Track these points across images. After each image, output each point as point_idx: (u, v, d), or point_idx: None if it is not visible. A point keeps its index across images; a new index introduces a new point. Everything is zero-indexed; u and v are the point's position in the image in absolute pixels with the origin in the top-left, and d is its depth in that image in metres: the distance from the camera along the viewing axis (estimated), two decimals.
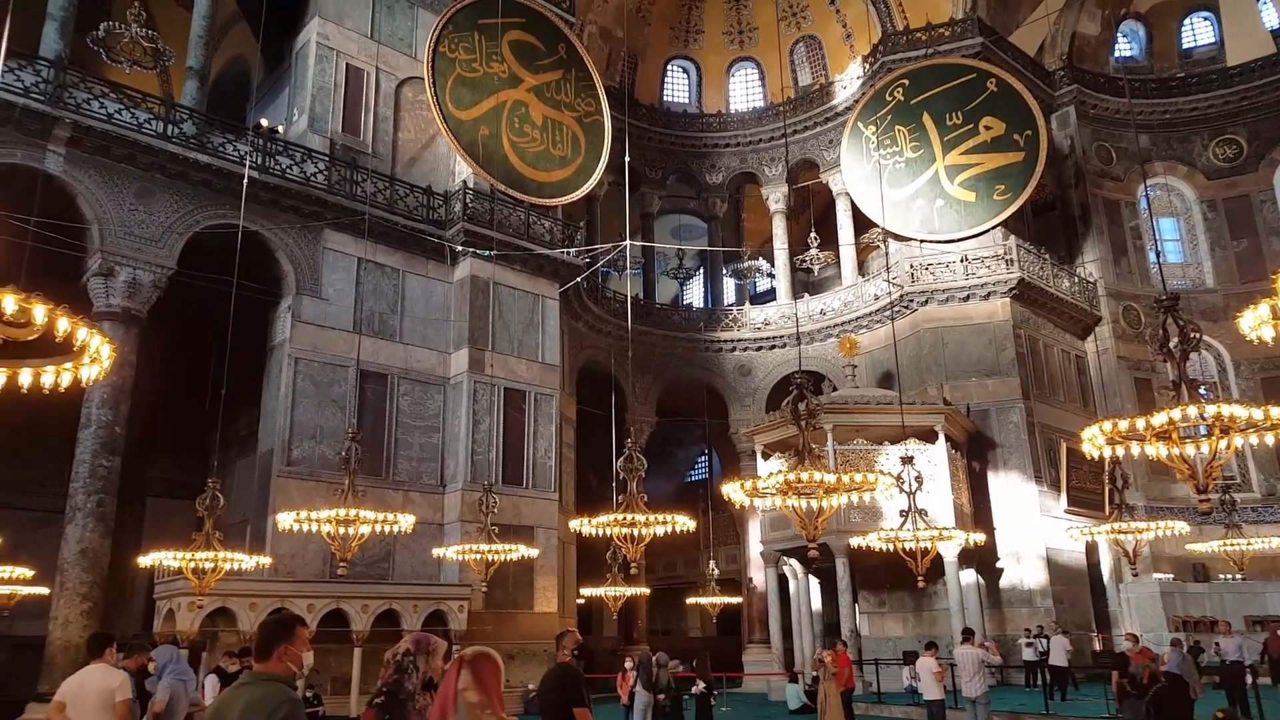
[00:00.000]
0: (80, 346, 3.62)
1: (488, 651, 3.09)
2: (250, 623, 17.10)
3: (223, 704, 3.18)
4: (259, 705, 3.00)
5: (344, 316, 20.97)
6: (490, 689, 2.96)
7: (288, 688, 3.10)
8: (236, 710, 3.04)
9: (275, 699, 3.02)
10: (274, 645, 3.18)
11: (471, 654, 3.03)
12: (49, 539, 18.59)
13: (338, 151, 21.96)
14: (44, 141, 17.52)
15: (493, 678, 3.00)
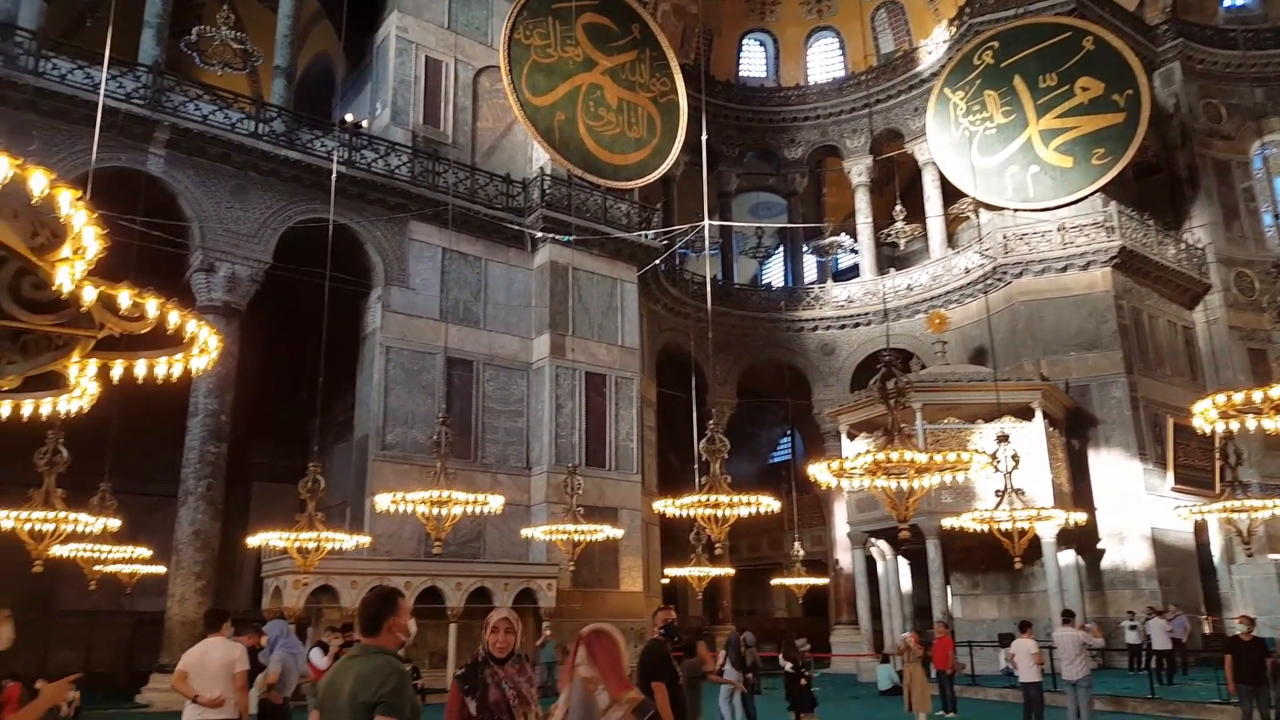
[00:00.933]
0: (190, 338, 3.78)
1: (603, 628, 3.11)
2: (352, 599, 17.79)
3: (336, 675, 3.31)
4: (370, 676, 3.11)
5: (430, 305, 21.49)
6: (603, 665, 2.98)
7: (395, 659, 3.20)
8: (349, 681, 3.15)
9: (385, 670, 3.12)
10: (381, 619, 3.28)
11: (588, 631, 3.08)
12: (164, 521, 19.68)
13: (419, 143, 22.42)
14: (145, 144, 18.41)
15: (607, 654, 3.04)
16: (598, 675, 2.91)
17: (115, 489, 13.90)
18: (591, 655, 2.94)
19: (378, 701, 3.05)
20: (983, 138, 26.97)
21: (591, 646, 2.98)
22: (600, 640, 3.01)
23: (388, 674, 3.12)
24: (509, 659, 3.67)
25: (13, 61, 17.29)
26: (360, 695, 3.09)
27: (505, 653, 3.68)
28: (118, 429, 13.05)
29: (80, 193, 2.60)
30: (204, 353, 4.13)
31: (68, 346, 3.63)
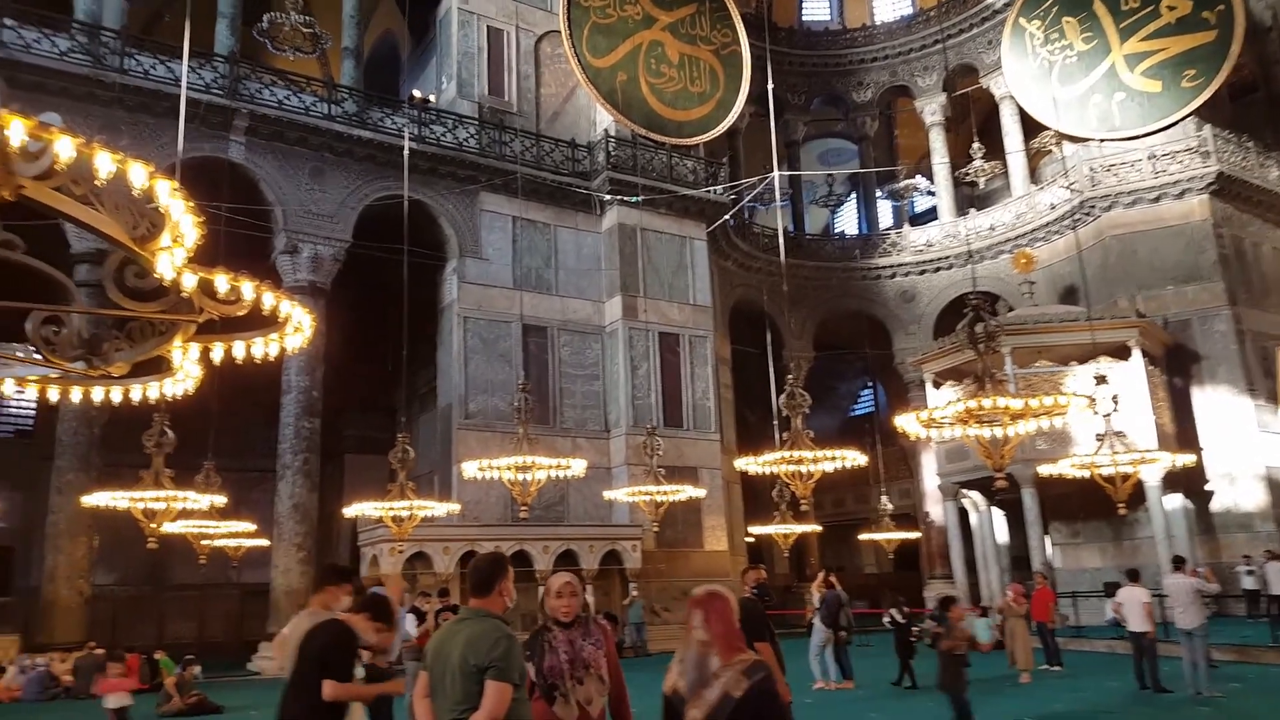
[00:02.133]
0: (284, 318, 3.88)
1: (717, 590, 3.09)
2: (445, 565, 18.36)
3: (445, 638, 3.36)
4: (479, 639, 3.17)
5: (504, 274, 21.72)
6: (715, 628, 2.95)
7: (503, 624, 3.25)
8: (459, 644, 3.21)
9: (494, 634, 3.17)
10: (493, 581, 3.34)
11: (703, 593, 3.07)
12: (264, 495, 20.57)
13: (486, 114, 22.53)
14: (226, 133, 18.95)
15: (720, 617, 2.97)
16: (711, 638, 2.89)
17: (218, 466, 14.55)
18: (706, 618, 2.92)
19: (489, 665, 3.10)
20: (1063, 67, 25.68)
21: (706, 609, 2.96)
22: (715, 602, 2.98)
23: (497, 638, 3.15)
24: (573, 623, 3.66)
25: (100, 61, 17.92)
26: (471, 658, 3.14)
27: (570, 617, 3.66)
28: (217, 409, 13.60)
29: (176, 183, 2.66)
30: (298, 331, 4.23)
31: (170, 332, 3.76)
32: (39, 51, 17.36)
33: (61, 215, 2.59)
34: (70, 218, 2.60)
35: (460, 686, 3.12)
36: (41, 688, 15.30)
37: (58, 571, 17.17)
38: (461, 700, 3.10)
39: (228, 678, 17.20)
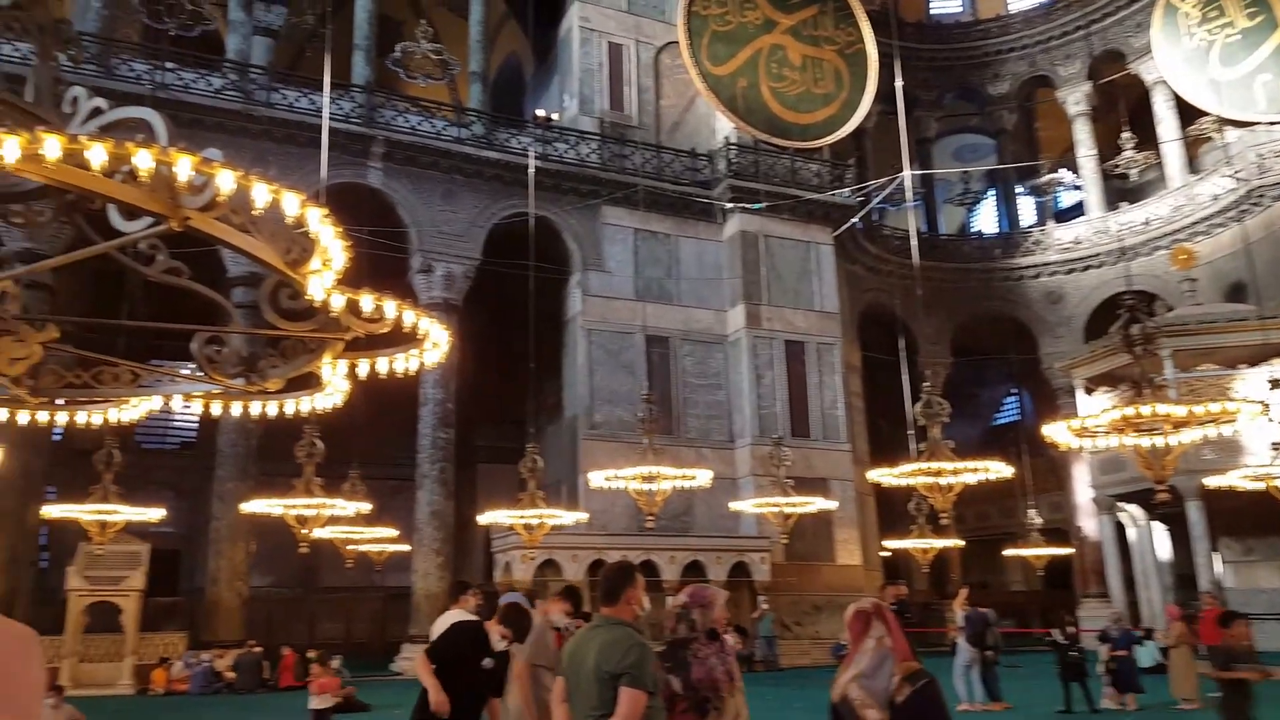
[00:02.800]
0: (423, 335, 4.01)
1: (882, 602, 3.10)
2: (575, 572, 18.59)
3: (579, 644, 3.41)
4: (613, 646, 3.18)
5: (626, 286, 21.91)
6: (896, 637, 3.01)
7: (636, 632, 3.25)
8: (593, 650, 3.24)
9: (627, 641, 3.18)
10: (620, 590, 3.35)
11: (872, 604, 3.09)
12: (405, 503, 21.40)
13: (606, 129, 22.84)
14: (364, 159, 19.94)
15: (895, 626, 3.06)
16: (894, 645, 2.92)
17: (362, 475, 15.23)
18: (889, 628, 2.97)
19: (622, 672, 3.10)
20: (1223, 46, 23.79)
21: (886, 618, 3.00)
22: (889, 612, 3.06)
23: (630, 645, 3.16)
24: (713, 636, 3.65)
25: (250, 97, 19.21)
26: (604, 665, 3.15)
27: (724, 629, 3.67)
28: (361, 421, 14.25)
29: (326, 210, 2.76)
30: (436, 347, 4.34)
31: (320, 349, 3.90)
32: (196, 90, 18.76)
33: (221, 243, 2.71)
34: (230, 245, 2.72)
35: (595, 692, 3.15)
36: (206, 682, 16.39)
37: (220, 574, 18.36)
38: (597, 706, 3.13)
39: (372, 677, 17.94)
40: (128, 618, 16.99)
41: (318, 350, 3.93)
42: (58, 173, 2.24)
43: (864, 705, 2.90)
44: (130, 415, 4.54)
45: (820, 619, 20.84)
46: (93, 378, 4.15)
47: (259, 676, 16.81)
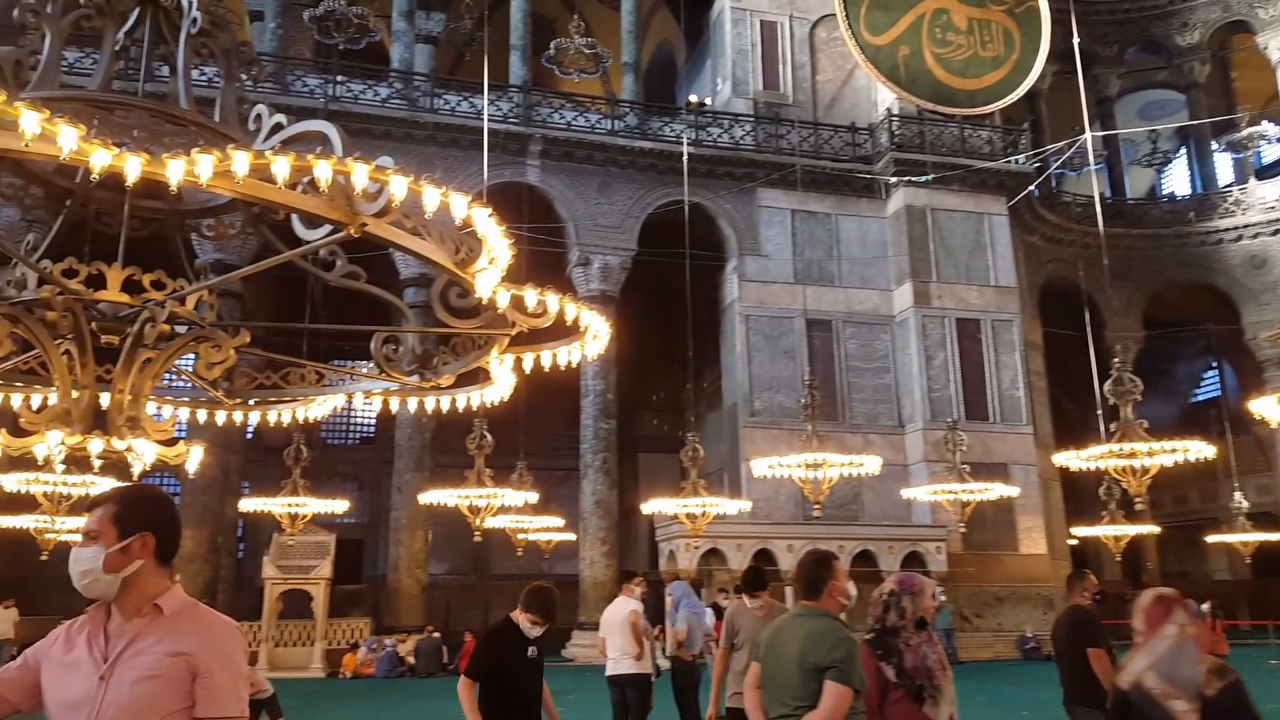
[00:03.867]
0: (584, 328, 4.04)
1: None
2: (740, 562, 18.46)
3: (778, 633, 3.33)
4: (820, 637, 3.10)
5: (784, 269, 21.48)
6: (1199, 627, 2.99)
7: (842, 625, 3.16)
8: (798, 639, 3.17)
9: (835, 634, 3.10)
10: (820, 582, 3.25)
11: (1174, 593, 3.01)
12: (569, 492, 21.97)
13: (761, 109, 22.45)
14: (523, 158, 20.51)
15: (1195, 616, 3.03)
16: (1197, 634, 2.88)
17: (529, 466, 15.71)
18: (1189, 616, 2.93)
19: (829, 665, 3.01)
20: None
21: (1186, 607, 2.95)
22: (1185, 603, 2.98)
23: (838, 639, 3.07)
24: (920, 625, 3.53)
25: (414, 103, 20.17)
26: (810, 655, 3.07)
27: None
28: (525, 413, 14.69)
29: (491, 210, 2.77)
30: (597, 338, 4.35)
31: (488, 345, 3.97)
32: (365, 101, 19.87)
33: (396, 246, 2.77)
34: (403, 248, 2.78)
35: (797, 682, 3.09)
36: (390, 666, 17.34)
37: (400, 562, 19.45)
38: (799, 696, 3.06)
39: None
40: (318, 604, 17.94)
41: (486, 346, 4.01)
42: (246, 187, 2.33)
43: (1167, 695, 2.78)
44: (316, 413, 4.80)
45: (1003, 611, 19.81)
46: (281, 379, 4.40)
47: (439, 661, 17.58)
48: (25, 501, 14.50)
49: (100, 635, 1.84)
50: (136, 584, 1.87)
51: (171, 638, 1.82)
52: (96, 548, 1.84)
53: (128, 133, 2.77)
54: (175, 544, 1.97)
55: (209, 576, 17.83)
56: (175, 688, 1.78)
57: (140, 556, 1.87)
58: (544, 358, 4.33)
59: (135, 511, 1.90)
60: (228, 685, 1.83)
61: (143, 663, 1.79)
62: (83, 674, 1.80)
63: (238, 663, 1.88)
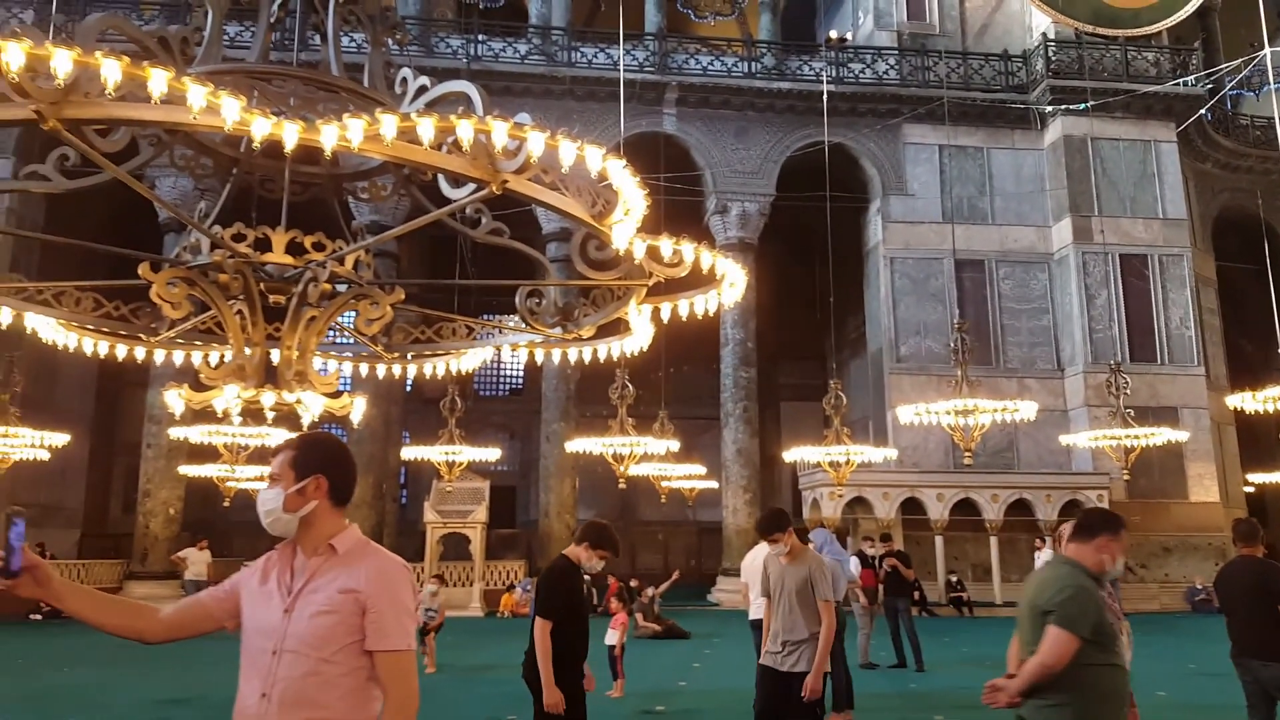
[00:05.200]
0: (721, 275, 4.03)
1: None
2: (885, 510, 18.16)
3: (1028, 580, 3.40)
4: (1050, 582, 3.04)
5: (931, 208, 20.56)
6: None
7: (1084, 575, 3.01)
8: (1033, 585, 3.19)
9: (1065, 579, 2.99)
10: (1095, 532, 3.11)
11: None
12: (709, 441, 22.11)
13: (905, 42, 21.38)
14: (659, 106, 20.39)
15: None
16: None
17: (670, 415, 15.89)
18: None
19: (1050, 609, 2.93)
20: None
21: None
22: None
23: (1064, 584, 2.96)
24: None
25: (552, 59, 20.36)
26: (1037, 600, 3.03)
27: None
28: (666, 363, 14.84)
29: (625, 161, 2.77)
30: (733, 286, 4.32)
31: (626, 296, 4.01)
32: (505, 59, 20.20)
33: (536, 202, 2.82)
34: (543, 203, 2.83)
35: (1029, 628, 3.06)
36: None
37: (550, 508, 20.19)
38: (1031, 641, 3.03)
39: (691, 607, 18.92)
40: (475, 547, 18.82)
41: (624, 297, 4.05)
42: (395, 150, 2.42)
43: None
44: (468, 365, 5.00)
45: (1170, 561, 18.69)
46: (435, 333, 4.61)
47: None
48: (208, 452, 15.98)
49: (286, 571, 2.01)
50: (314, 524, 2.01)
51: (344, 576, 1.96)
52: (277, 489, 2.00)
53: (284, 101, 2.92)
54: (349, 487, 2.10)
55: (374, 521, 19.07)
56: (347, 622, 1.92)
57: (315, 498, 2.01)
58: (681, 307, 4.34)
59: (311, 456, 2.04)
60: (393, 620, 1.95)
61: (318, 598, 1.94)
62: (271, 605, 1.97)
63: (404, 599, 2.00)
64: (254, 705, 1.90)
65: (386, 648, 1.94)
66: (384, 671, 1.94)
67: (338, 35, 3.55)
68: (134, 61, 2.13)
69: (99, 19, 2.60)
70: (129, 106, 2.27)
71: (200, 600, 2.10)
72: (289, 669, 1.89)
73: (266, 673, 1.90)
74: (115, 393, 24.42)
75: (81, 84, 2.19)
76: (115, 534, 23.71)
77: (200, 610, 2.08)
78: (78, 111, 2.26)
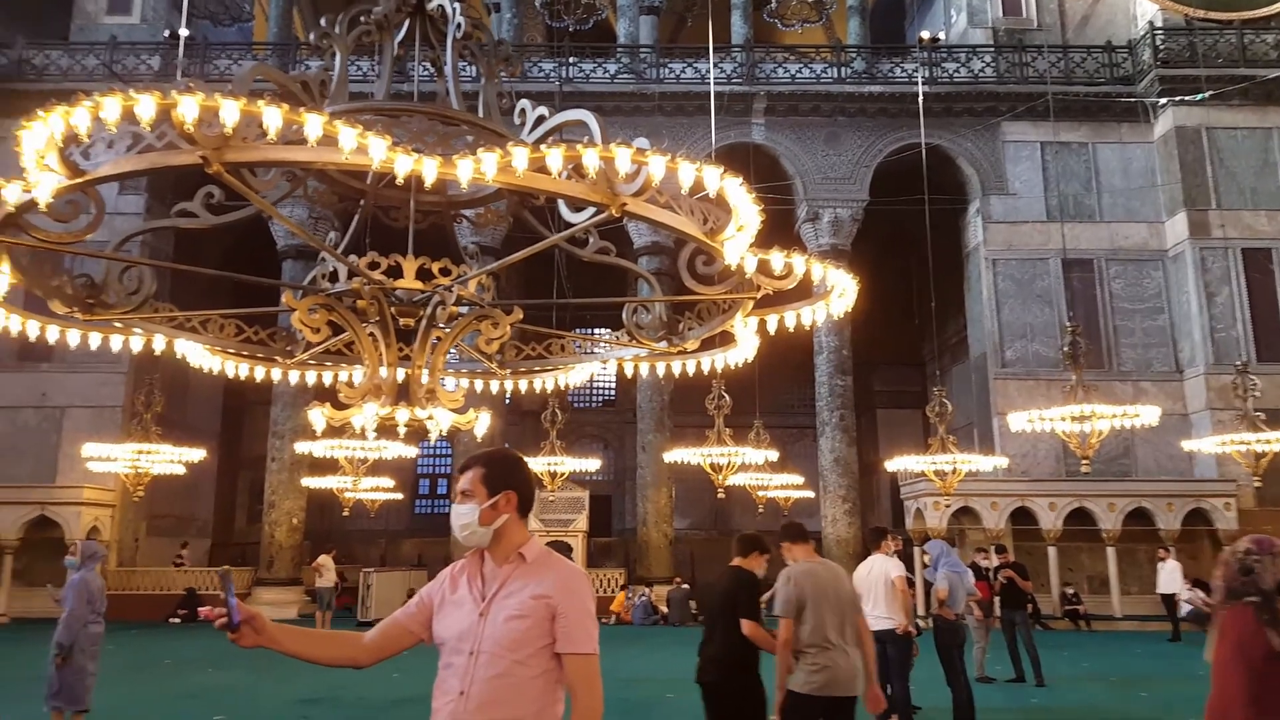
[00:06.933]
0: (830, 286, 4.09)
1: None
2: (995, 521, 17.59)
3: None
4: None
5: (1034, 207, 19.92)
6: None
7: None
8: None
9: None
10: None
11: None
12: (804, 450, 21.88)
13: (1001, 38, 20.83)
14: (747, 117, 20.39)
15: None
16: None
17: (765, 424, 15.81)
18: None
19: None
20: None
21: None
22: None
23: None
24: None
25: (640, 76, 20.62)
26: None
27: None
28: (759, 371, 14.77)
29: (741, 176, 2.84)
30: (843, 296, 4.33)
31: (732, 309, 4.08)
32: (595, 79, 20.55)
33: (651, 222, 2.92)
34: (658, 223, 2.92)
35: None
36: (645, 614, 18.28)
37: (648, 517, 20.32)
38: None
39: None
40: (576, 555, 19.14)
41: (730, 310, 4.12)
42: (522, 179, 2.56)
43: None
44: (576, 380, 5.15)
45: None
46: (544, 349, 4.77)
47: (689, 611, 18.32)
48: (328, 465, 16.71)
49: (478, 578, 2.16)
50: (504, 535, 2.15)
51: (534, 582, 2.09)
52: (471, 505, 2.14)
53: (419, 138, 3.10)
54: (532, 499, 2.24)
55: None
56: (539, 627, 2.05)
57: (505, 511, 2.15)
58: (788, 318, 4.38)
59: (499, 472, 2.19)
60: (580, 625, 2.08)
61: (512, 603, 2.07)
62: (465, 610, 2.12)
63: (588, 605, 2.13)
64: (452, 702, 2.03)
65: (576, 650, 2.06)
66: (573, 674, 2.06)
67: (456, 70, 3.74)
68: (291, 108, 2.33)
69: (251, 69, 2.83)
70: (284, 149, 2.47)
71: (396, 619, 2.26)
72: (485, 669, 2.02)
73: (464, 672, 2.04)
74: (239, 410, 25.83)
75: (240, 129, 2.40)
76: (242, 542, 25.02)
77: (397, 628, 2.23)
78: (238, 155, 2.47)
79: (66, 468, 18.41)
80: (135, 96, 2.33)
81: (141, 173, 2.67)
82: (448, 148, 2.89)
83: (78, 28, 21.45)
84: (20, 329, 4.01)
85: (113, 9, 21.51)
